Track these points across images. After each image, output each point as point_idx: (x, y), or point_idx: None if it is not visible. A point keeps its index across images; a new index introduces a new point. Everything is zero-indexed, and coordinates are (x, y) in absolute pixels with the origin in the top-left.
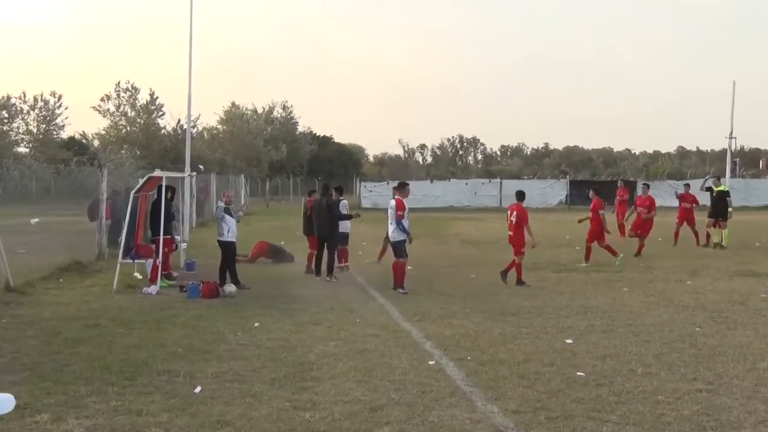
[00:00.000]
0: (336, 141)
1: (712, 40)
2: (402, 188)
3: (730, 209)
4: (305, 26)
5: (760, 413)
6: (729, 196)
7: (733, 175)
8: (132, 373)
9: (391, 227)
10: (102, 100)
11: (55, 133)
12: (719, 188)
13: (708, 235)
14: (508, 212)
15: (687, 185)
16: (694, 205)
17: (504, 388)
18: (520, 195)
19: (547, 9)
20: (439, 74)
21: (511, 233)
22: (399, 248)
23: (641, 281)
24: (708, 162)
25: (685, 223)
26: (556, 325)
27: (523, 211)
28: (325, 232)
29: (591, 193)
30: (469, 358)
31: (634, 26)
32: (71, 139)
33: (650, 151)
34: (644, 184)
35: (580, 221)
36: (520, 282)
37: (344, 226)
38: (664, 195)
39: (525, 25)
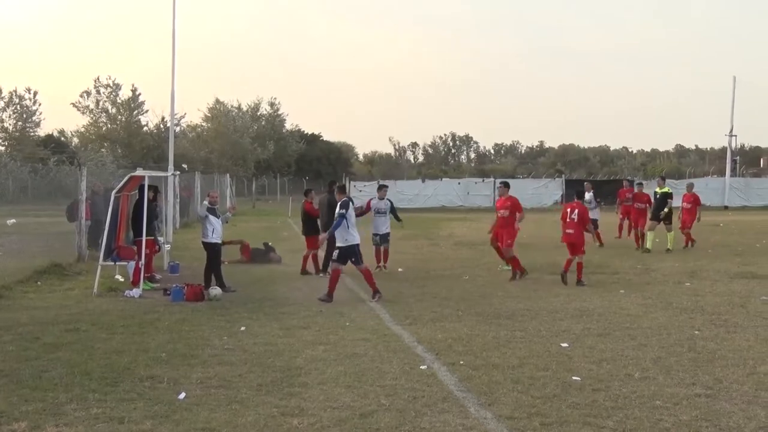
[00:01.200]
0: (324, 139)
1: (712, 35)
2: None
3: (665, 210)
4: (292, 20)
5: (760, 419)
6: (671, 198)
7: (734, 173)
8: (113, 379)
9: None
10: (81, 96)
11: (31, 130)
12: (663, 190)
13: (642, 237)
14: (567, 210)
15: (641, 184)
16: (648, 205)
17: (498, 394)
18: (581, 193)
19: (544, 4)
20: (431, 70)
21: (570, 231)
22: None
23: (638, 283)
24: (708, 160)
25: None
26: (551, 329)
27: (585, 209)
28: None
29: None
30: (461, 362)
31: (632, 22)
32: (49, 137)
33: (648, 149)
34: (502, 182)
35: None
36: (580, 282)
37: (384, 226)
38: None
39: (520, 21)
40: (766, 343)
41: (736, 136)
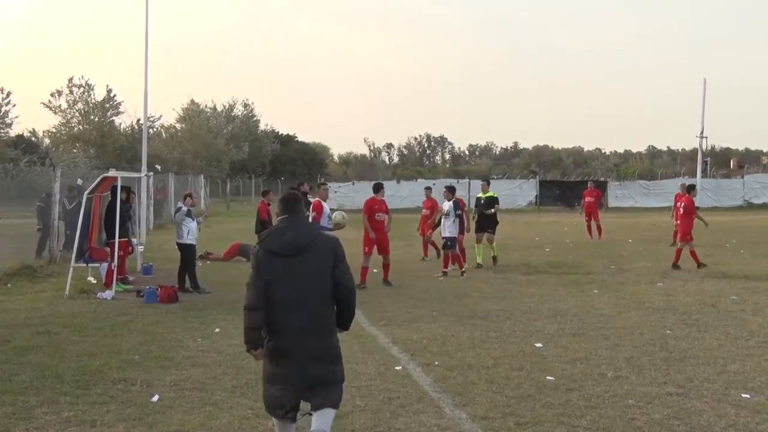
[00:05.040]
0: (299, 140)
1: (683, 38)
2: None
3: (491, 210)
4: (269, 20)
5: (730, 417)
6: (498, 203)
7: (705, 175)
8: (85, 382)
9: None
10: (52, 95)
11: (2, 130)
12: (487, 194)
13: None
14: (677, 204)
15: (487, 183)
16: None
17: (473, 394)
18: (691, 188)
19: (518, 7)
20: (406, 71)
21: (678, 222)
22: None
23: (612, 283)
24: (679, 162)
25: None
26: (525, 329)
27: (691, 201)
28: None
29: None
30: (436, 363)
31: (605, 25)
32: (20, 137)
33: (621, 150)
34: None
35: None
36: (675, 266)
37: (451, 230)
38: (635, 195)
39: (495, 24)
40: (736, 342)
41: (706, 137)
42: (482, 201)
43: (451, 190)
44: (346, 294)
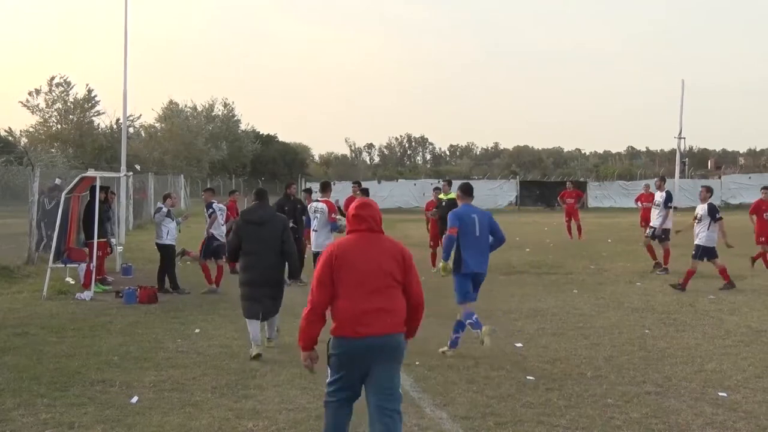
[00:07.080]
0: (280, 140)
1: (661, 39)
2: (326, 189)
3: None
4: (249, 20)
5: (707, 415)
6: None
7: (683, 175)
8: (63, 384)
9: (322, 235)
10: (30, 94)
11: None
12: (449, 196)
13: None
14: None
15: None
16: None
17: (453, 394)
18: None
19: (497, 8)
20: (387, 72)
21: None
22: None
23: (591, 283)
24: (657, 162)
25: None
26: (505, 329)
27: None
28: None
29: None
30: (417, 362)
31: (583, 27)
32: None
33: (600, 151)
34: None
35: None
36: None
37: None
38: (614, 195)
39: (475, 24)
40: (714, 341)
41: (684, 138)
42: (443, 203)
43: (365, 192)
44: (289, 249)
